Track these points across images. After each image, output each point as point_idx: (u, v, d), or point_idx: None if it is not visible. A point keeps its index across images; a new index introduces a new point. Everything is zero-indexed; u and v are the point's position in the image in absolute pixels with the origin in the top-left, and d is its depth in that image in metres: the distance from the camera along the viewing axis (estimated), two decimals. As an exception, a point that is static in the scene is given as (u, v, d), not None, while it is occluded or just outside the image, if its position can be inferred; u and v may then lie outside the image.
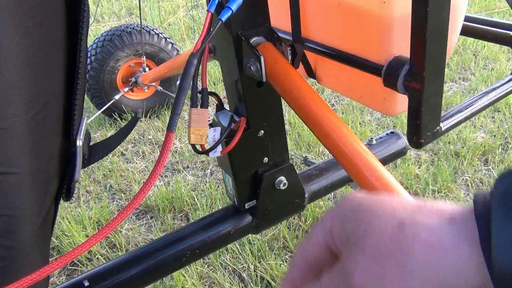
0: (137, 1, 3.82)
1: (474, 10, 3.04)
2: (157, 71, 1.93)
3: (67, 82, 0.52)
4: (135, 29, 2.04)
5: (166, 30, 3.27)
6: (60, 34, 0.49)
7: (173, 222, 1.55)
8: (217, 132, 0.57)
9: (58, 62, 0.50)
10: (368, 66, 0.73)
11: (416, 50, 0.64)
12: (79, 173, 0.54)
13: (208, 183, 1.71)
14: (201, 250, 0.95)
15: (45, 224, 0.52)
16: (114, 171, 1.83)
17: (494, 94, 0.80)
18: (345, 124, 0.70)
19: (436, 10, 0.60)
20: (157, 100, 2.20)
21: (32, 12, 0.42)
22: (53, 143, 0.52)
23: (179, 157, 1.89)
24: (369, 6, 0.71)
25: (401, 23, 0.69)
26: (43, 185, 0.50)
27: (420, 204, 0.27)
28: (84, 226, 1.55)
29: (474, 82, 2.26)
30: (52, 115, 0.49)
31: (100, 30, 3.41)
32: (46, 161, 0.50)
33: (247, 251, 1.38)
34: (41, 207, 0.51)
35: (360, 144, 0.67)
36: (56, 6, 0.46)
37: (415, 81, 0.66)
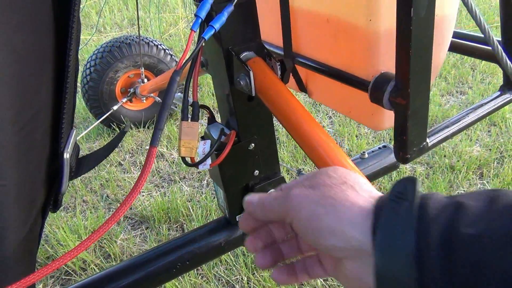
0: (139, 12, 3.86)
1: (472, 24, 3.06)
2: (155, 82, 1.94)
3: (56, 95, 0.53)
4: (134, 41, 2.06)
5: (166, 41, 3.30)
6: (48, 49, 0.50)
7: (168, 233, 1.55)
8: (207, 145, 0.58)
9: (46, 76, 0.51)
10: (355, 81, 0.75)
11: (401, 66, 0.65)
12: (66, 185, 0.55)
13: (204, 194, 1.72)
14: (191, 262, 0.95)
15: (31, 235, 0.53)
16: (111, 181, 1.84)
17: (482, 110, 0.81)
18: (332, 139, 0.71)
19: (420, 28, 0.62)
20: (156, 111, 2.21)
21: (19, 28, 0.43)
22: (41, 155, 0.53)
23: (176, 168, 1.90)
24: (356, 23, 0.72)
25: (387, 40, 0.70)
26: (29, 196, 0.51)
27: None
28: (80, 235, 1.55)
29: (471, 95, 2.27)
30: (39, 127, 0.50)
31: (102, 40, 3.45)
32: (33, 173, 0.51)
33: (240, 262, 1.38)
34: (27, 218, 0.51)
35: (347, 160, 0.68)
36: (44, 22, 0.47)
37: (400, 97, 0.67)
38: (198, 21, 0.50)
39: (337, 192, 0.36)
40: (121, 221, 1.65)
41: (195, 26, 0.49)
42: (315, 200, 0.36)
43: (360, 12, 0.70)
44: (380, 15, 0.68)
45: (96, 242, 1.55)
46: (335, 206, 0.35)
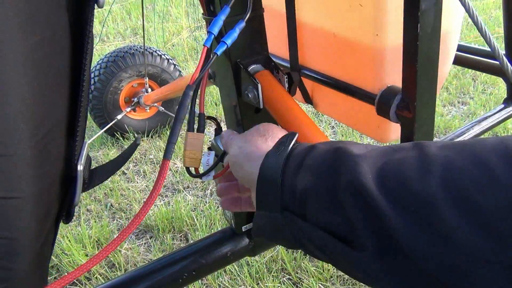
0: (141, 21, 3.89)
1: (473, 34, 3.08)
2: (159, 93, 1.96)
3: (71, 109, 0.54)
4: (138, 51, 2.08)
5: (169, 50, 3.32)
6: (65, 64, 0.51)
7: (172, 242, 1.56)
8: (211, 156, 0.59)
9: (62, 91, 0.52)
10: (362, 94, 0.76)
11: (407, 80, 0.66)
12: (79, 197, 0.56)
13: (208, 204, 1.72)
14: (197, 272, 0.96)
15: (45, 246, 0.54)
16: (115, 190, 1.84)
17: (486, 123, 0.82)
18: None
19: (426, 43, 0.63)
20: (159, 120, 2.23)
21: (39, 45, 0.44)
22: (55, 168, 0.53)
23: (179, 177, 1.91)
24: (363, 37, 0.73)
25: (393, 54, 0.72)
26: (44, 208, 0.52)
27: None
28: (84, 245, 1.56)
29: (473, 106, 2.29)
30: (55, 141, 0.51)
31: (105, 49, 3.47)
32: (48, 185, 0.52)
33: (245, 272, 1.38)
34: (42, 230, 0.52)
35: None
36: (63, 39, 0.48)
37: (407, 111, 0.68)
38: (211, 37, 0.51)
39: (254, 140, 0.50)
40: (125, 230, 1.66)
41: (208, 42, 0.50)
42: (239, 145, 0.51)
43: (366, 27, 0.71)
44: (387, 30, 0.69)
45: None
46: (247, 149, 0.49)
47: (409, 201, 0.33)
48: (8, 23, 0.39)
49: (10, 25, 0.39)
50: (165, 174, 0.47)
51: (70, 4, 0.47)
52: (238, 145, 0.52)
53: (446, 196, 0.31)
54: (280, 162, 0.44)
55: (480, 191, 0.30)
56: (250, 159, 0.48)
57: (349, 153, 0.39)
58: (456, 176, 0.32)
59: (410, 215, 0.32)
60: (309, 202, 0.40)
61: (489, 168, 0.31)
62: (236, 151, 0.51)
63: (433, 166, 0.33)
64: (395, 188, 0.34)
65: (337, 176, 0.38)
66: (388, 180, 0.35)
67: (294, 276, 1.37)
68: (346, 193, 0.36)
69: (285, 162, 0.43)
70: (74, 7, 0.48)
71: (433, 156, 0.34)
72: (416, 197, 0.33)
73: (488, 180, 0.30)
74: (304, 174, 0.41)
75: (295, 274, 1.38)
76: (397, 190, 0.34)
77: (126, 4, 4.42)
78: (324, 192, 0.39)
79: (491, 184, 0.30)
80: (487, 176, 0.30)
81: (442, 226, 0.31)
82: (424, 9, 0.59)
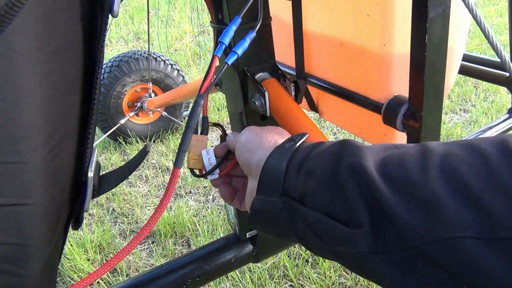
0: (144, 26, 3.90)
1: (475, 42, 3.09)
2: (163, 98, 1.96)
3: (82, 117, 0.55)
4: (142, 56, 2.09)
5: (172, 55, 3.34)
6: (78, 72, 0.51)
7: (174, 248, 1.56)
8: (211, 155, 0.58)
9: (75, 99, 0.52)
10: (368, 103, 0.76)
11: (414, 91, 0.67)
12: (89, 203, 0.56)
13: (210, 209, 1.73)
14: (201, 278, 0.96)
15: (54, 253, 0.54)
16: (117, 194, 1.84)
17: (490, 133, 0.83)
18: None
19: (433, 54, 0.63)
20: (162, 125, 2.23)
21: (54, 54, 0.45)
22: (66, 174, 0.54)
23: (182, 182, 1.91)
24: (370, 47, 0.74)
25: (400, 64, 0.72)
26: (55, 215, 0.52)
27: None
28: (86, 249, 1.56)
29: (475, 113, 2.29)
30: (67, 148, 0.52)
31: (108, 54, 3.48)
32: (59, 192, 0.52)
33: (247, 279, 1.38)
34: (52, 236, 0.52)
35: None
36: (77, 48, 0.49)
37: (413, 120, 0.69)
38: (222, 47, 0.52)
39: (269, 134, 0.52)
40: (127, 235, 1.66)
41: (219, 52, 0.51)
42: (254, 133, 0.53)
43: (374, 36, 0.72)
44: (394, 40, 0.70)
45: (102, 256, 1.56)
46: (262, 139, 0.52)
47: (405, 182, 0.35)
48: (25, 33, 0.40)
49: (27, 35, 0.40)
50: (175, 182, 0.47)
51: (85, 13, 0.48)
52: (254, 132, 0.54)
53: (441, 177, 0.33)
54: (288, 153, 0.46)
55: (474, 174, 0.32)
56: (262, 147, 0.50)
57: (354, 143, 0.42)
58: (453, 162, 0.34)
59: (405, 194, 0.34)
60: (310, 186, 0.42)
61: (483, 155, 0.33)
62: (252, 137, 0.53)
63: (432, 154, 0.36)
64: (393, 171, 0.36)
65: (339, 160, 0.40)
66: (388, 164, 0.37)
67: (296, 283, 1.37)
68: (347, 173, 0.39)
69: (292, 154, 0.46)
70: (88, 16, 0.49)
71: (434, 149, 0.37)
72: (412, 178, 0.35)
73: (482, 165, 0.32)
74: (308, 163, 0.44)
75: (297, 280, 1.38)
76: (395, 173, 0.36)
77: (129, 8, 4.44)
78: (326, 175, 0.41)
79: (484, 168, 0.32)
80: (482, 162, 0.33)
81: (435, 204, 0.33)
82: (432, 17, 0.59)
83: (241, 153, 0.53)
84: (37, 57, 0.43)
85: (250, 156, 0.51)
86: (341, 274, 1.39)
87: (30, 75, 0.43)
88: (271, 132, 0.54)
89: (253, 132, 0.54)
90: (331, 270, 1.39)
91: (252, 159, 0.51)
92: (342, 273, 1.39)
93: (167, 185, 0.48)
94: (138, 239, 0.49)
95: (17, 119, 0.42)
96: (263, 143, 0.51)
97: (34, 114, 0.44)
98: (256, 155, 0.50)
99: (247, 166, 0.52)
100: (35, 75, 0.43)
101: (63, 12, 0.45)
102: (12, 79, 0.40)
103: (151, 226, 0.49)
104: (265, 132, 0.53)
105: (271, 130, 0.54)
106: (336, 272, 1.39)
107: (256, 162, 0.50)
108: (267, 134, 0.53)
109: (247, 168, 0.52)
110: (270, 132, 0.54)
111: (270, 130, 0.54)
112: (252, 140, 0.52)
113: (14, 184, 0.44)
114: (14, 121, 0.42)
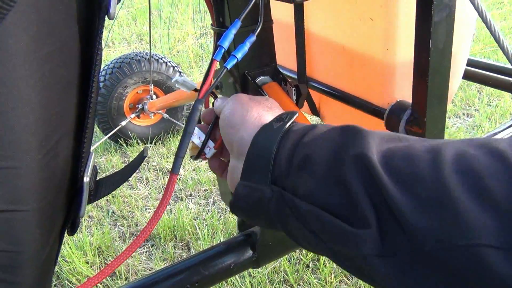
0: (147, 27, 3.90)
1: (479, 46, 3.08)
2: (164, 100, 1.96)
3: (78, 121, 0.54)
4: (144, 57, 2.08)
5: (174, 57, 3.33)
6: (74, 75, 0.50)
7: (174, 251, 1.55)
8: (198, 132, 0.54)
9: (70, 102, 0.51)
10: (370, 108, 0.75)
11: (417, 96, 0.66)
12: (85, 208, 0.55)
13: (211, 213, 1.71)
14: (200, 284, 0.95)
15: (49, 259, 0.53)
16: (117, 197, 1.83)
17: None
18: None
19: (437, 59, 0.62)
20: (163, 127, 2.23)
21: (49, 57, 0.44)
22: (62, 179, 0.53)
23: (182, 185, 1.90)
24: (373, 51, 0.73)
25: (403, 69, 0.71)
26: (49, 221, 0.51)
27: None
28: (85, 252, 1.55)
29: (478, 118, 2.28)
30: (62, 153, 0.51)
31: (110, 55, 3.48)
32: (54, 197, 0.51)
33: (247, 284, 1.37)
34: (47, 243, 0.51)
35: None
36: (72, 50, 0.48)
37: (416, 126, 0.68)
38: (222, 51, 0.50)
39: (255, 108, 0.47)
40: (126, 238, 1.65)
41: (218, 56, 0.50)
42: (240, 104, 0.48)
43: (377, 41, 0.71)
44: (398, 45, 0.69)
45: (101, 259, 1.55)
46: (246, 113, 0.47)
47: (414, 180, 0.32)
48: (20, 35, 0.39)
49: (21, 37, 0.39)
50: (172, 189, 0.46)
51: (80, 15, 0.47)
52: (240, 103, 0.48)
53: (456, 177, 0.30)
54: (277, 135, 0.42)
55: (494, 177, 0.29)
56: (246, 124, 0.46)
57: (357, 130, 0.38)
58: (469, 162, 0.31)
59: (415, 194, 0.31)
60: (306, 176, 0.38)
61: (504, 157, 0.30)
62: (237, 109, 0.48)
63: (444, 152, 0.33)
64: (400, 166, 0.33)
65: (341, 149, 0.37)
66: (393, 158, 0.34)
67: (296, 288, 1.36)
68: (351, 166, 0.35)
69: (282, 136, 0.42)
70: (84, 18, 0.48)
71: (444, 146, 0.34)
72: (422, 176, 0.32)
73: (502, 167, 0.29)
74: (303, 149, 0.40)
75: (297, 286, 1.37)
76: (402, 168, 0.33)
77: (132, 10, 4.44)
78: (326, 165, 0.37)
79: (506, 171, 0.29)
80: (501, 164, 0.30)
81: (451, 207, 0.30)
82: (436, 22, 0.58)
83: (223, 127, 0.48)
84: (32, 59, 0.42)
85: (232, 132, 0.47)
86: (342, 280, 1.37)
87: (24, 78, 0.42)
88: (259, 105, 0.49)
89: (239, 103, 0.48)
90: (332, 276, 1.37)
91: (234, 136, 0.46)
92: (343, 279, 1.38)
93: (163, 192, 0.47)
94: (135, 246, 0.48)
95: (10, 122, 0.41)
96: (246, 119, 0.46)
97: (27, 117, 0.43)
98: (238, 133, 0.46)
99: (228, 143, 0.48)
100: (29, 78, 0.42)
101: (59, 13, 0.44)
102: (6, 82, 0.40)
103: (146, 235, 0.48)
104: (251, 105, 0.48)
105: (259, 102, 0.49)
106: (337, 277, 1.37)
107: (238, 140, 0.46)
108: (253, 108, 0.48)
109: (228, 145, 0.48)
110: (257, 105, 0.48)
111: (258, 102, 0.49)
112: (235, 113, 0.47)
113: (6, 190, 0.43)
114: (7, 125, 0.41)
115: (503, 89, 0.88)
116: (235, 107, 0.48)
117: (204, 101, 0.48)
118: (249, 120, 0.46)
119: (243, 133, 0.45)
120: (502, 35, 0.58)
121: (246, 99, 0.49)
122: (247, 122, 0.46)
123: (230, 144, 0.47)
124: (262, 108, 0.48)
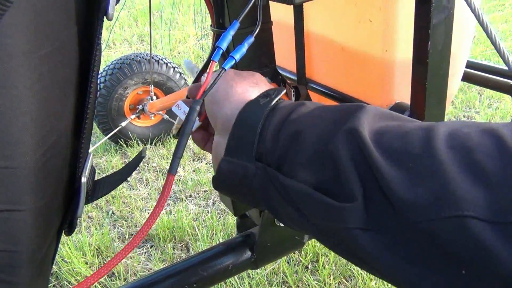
0: (148, 28, 3.91)
1: (480, 48, 3.08)
2: (164, 101, 1.96)
3: (76, 121, 0.54)
4: (144, 58, 2.08)
5: (175, 58, 3.33)
6: (72, 76, 0.51)
7: (173, 252, 1.55)
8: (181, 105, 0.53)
9: (68, 103, 0.51)
10: (369, 110, 0.75)
11: (416, 97, 0.66)
12: (82, 209, 0.55)
13: (210, 214, 1.71)
14: (198, 284, 0.95)
15: (46, 259, 0.53)
16: (116, 197, 1.84)
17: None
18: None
19: (436, 61, 0.62)
20: (163, 128, 2.23)
21: (47, 58, 0.44)
22: (59, 180, 0.53)
23: (182, 186, 1.90)
24: (372, 53, 0.73)
25: (402, 70, 0.71)
26: (47, 221, 0.51)
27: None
28: (84, 252, 1.55)
29: (479, 120, 2.28)
30: (59, 153, 0.51)
31: (111, 56, 3.48)
32: (51, 197, 0.51)
33: (245, 285, 1.37)
34: (44, 242, 0.51)
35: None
36: (70, 51, 0.48)
37: (415, 128, 0.68)
38: (220, 52, 0.50)
39: (240, 84, 0.47)
40: (126, 238, 1.65)
41: (217, 57, 0.50)
42: (225, 81, 0.47)
43: (376, 42, 0.71)
44: (396, 46, 0.69)
45: (100, 260, 1.55)
46: (231, 89, 0.46)
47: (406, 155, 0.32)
48: (18, 36, 0.39)
49: (19, 38, 0.39)
50: (169, 190, 0.46)
51: (79, 16, 0.47)
52: (225, 79, 0.48)
53: (449, 152, 0.30)
54: (263, 111, 0.41)
55: (485, 152, 0.29)
56: (230, 100, 0.45)
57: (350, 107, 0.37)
58: (462, 139, 0.31)
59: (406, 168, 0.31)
60: (291, 152, 0.37)
61: (498, 135, 0.30)
62: (222, 85, 0.47)
63: (437, 130, 0.32)
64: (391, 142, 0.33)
65: (332, 126, 0.36)
66: (384, 134, 0.34)
67: (295, 290, 1.36)
68: (341, 139, 0.34)
69: (268, 113, 0.41)
70: (83, 19, 0.48)
71: (437, 125, 0.33)
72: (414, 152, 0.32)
73: (496, 146, 0.29)
74: (289, 126, 0.39)
75: (296, 287, 1.36)
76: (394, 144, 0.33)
77: (133, 11, 4.45)
78: (314, 141, 0.36)
79: (499, 149, 0.29)
80: (495, 142, 0.30)
81: (442, 179, 0.29)
82: (435, 23, 0.58)
83: (207, 104, 0.48)
84: (29, 60, 0.42)
85: (216, 108, 0.46)
86: (341, 282, 1.37)
87: (22, 78, 0.42)
88: (244, 80, 0.48)
89: (223, 78, 0.48)
90: (331, 277, 1.37)
91: (218, 112, 0.46)
92: (342, 280, 1.38)
93: (160, 192, 0.47)
94: (132, 246, 0.48)
95: (7, 122, 0.41)
96: (231, 95, 0.46)
97: (25, 118, 0.43)
98: (222, 109, 0.45)
99: (212, 119, 0.47)
100: (26, 79, 0.42)
101: (58, 14, 0.44)
102: (3, 82, 0.40)
103: (143, 235, 0.48)
104: (236, 80, 0.47)
105: (245, 78, 0.48)
106: (336, 279, 1.37)
107: (222, 116, 0.45)
108: (238, 84, 0.47)
109: (213, 121, 0.47)
110: (243, 80, 0.48)
111: (244, 78, 0.48)
112: (219, 88, 0.47)
113: (3, 190, 0.43)
114: (4, 125, 0.41)
115: (503, 91, 0.88)
116: (219, 82, 0.47)
117: (202, 102, 0.48)
118: (234, 96, 0.45)
119: (227, 110, 0.44)
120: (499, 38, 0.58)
121: (231, 74, 0.49)
122: (232, 97, 0.45)
123: (214, 120, 0.47)
124: (248, 84, 0.47)
